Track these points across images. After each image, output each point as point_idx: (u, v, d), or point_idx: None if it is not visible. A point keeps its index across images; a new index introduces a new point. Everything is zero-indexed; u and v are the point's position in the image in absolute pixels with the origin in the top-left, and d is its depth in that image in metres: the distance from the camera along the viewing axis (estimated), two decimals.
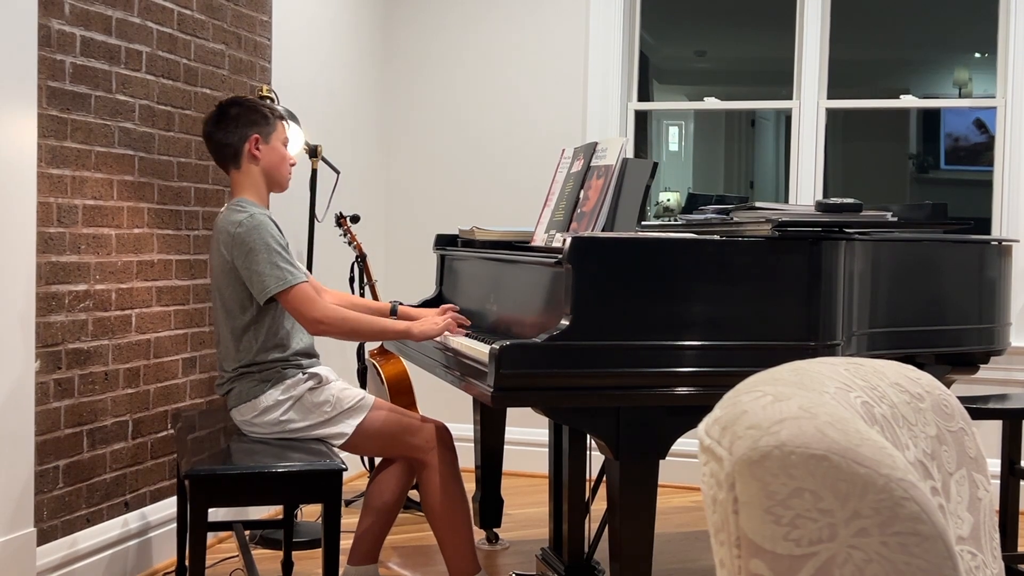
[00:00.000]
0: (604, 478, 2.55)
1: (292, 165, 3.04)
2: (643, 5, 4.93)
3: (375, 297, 4.05)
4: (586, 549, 3.20)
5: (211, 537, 3.65)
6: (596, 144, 2.91)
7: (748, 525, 0.89)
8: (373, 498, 3.05)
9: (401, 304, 3.25)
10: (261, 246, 2.77)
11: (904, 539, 0.86)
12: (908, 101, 5.33)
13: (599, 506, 2.93)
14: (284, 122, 3.04)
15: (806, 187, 4.70)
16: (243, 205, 2.88)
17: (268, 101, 3.16)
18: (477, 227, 3.33)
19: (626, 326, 2.36)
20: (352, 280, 4.19)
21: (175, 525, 3.23)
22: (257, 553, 3.61)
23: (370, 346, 4.29)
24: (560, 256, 2.40)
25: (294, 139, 3.46)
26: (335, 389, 2.92)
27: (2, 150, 2.80)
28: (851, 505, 0.87)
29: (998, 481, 3.38)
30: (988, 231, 4.55)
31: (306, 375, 2.89)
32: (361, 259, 4.12)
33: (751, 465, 0.89)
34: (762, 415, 0.93)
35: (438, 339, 2.92)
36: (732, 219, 2.79)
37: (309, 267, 3.80)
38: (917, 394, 1.22)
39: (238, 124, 2.93)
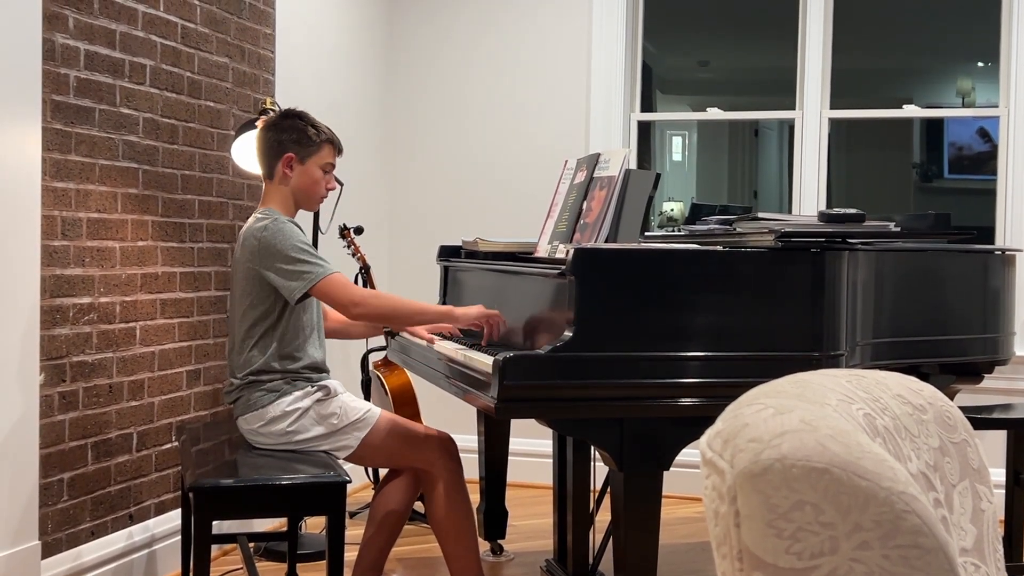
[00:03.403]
0: (608, 489, 2.55)
1: (330, 189, 3.04)
2: (646, 15, 4.94)
3: None
4: (590, 560, 3.20)
5: (215, 549, 3.64)
6: (599, 155, 2.91)
7: (750, 538, 0.89)
8: (378, 510, 3.05)
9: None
10: (287, 247, 2.79)
11: (906, 552, 0.86)
12: (911, 111, 5.33)
13: (603, 517, 2.93)
14: (332, 147, 3.02)
15: (809, 197, 4.70)
16: (267, 214, 2.91)
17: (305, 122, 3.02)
18: (480, 238, 3.34)
19: (629, 337, 2.36)
20: None
21: (179, 538, 3.23)
22: (261, 565, 3.60)
23: (374, 357, 4.29)
24: (563, 267, 2.41)
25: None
26: (342, 401, 2.92)
27: (7, 164, 2.82)
28: (852, 518, 0.87)
29: (1002, 491, 3.37)
30: (992, 240, 4.54)
31: (315, 387, 2.90)
32: (365, 270, 4.12)
33: (753, 478, 0.89)
34: (763, 428, 0.93)
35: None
36: (735, 230, 2.80)
37: None
38: (919, 406, 1.22)
39: (280, 139, 2.95)
